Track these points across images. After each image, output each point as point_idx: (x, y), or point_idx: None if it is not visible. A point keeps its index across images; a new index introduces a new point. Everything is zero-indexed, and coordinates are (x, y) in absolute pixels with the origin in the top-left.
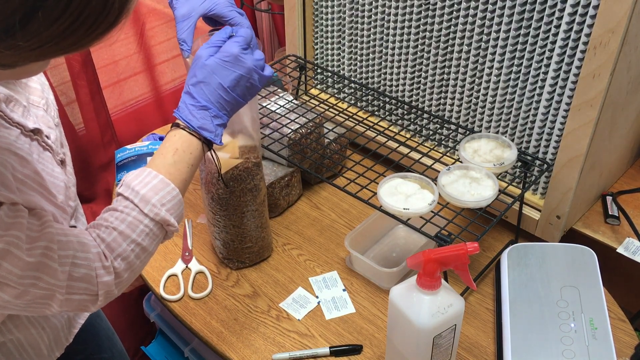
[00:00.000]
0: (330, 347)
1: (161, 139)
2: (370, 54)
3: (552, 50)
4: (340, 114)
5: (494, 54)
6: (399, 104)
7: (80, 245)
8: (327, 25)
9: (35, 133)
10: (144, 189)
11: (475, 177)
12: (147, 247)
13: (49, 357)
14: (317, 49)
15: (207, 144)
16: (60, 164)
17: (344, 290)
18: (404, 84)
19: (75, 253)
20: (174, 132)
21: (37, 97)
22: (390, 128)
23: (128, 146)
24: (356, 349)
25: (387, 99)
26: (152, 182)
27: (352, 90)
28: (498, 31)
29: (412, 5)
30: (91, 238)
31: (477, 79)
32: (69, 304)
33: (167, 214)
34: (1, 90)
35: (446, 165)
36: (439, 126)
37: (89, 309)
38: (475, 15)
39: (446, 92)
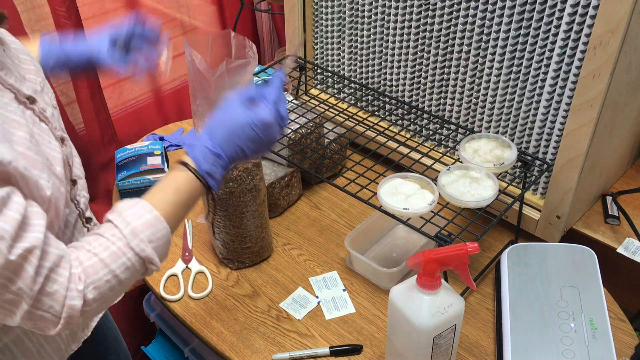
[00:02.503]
0: (330, 347)
1: (161, 138)
2: (370, 54)
3: (552, 50)
4: (340, 114)
5: (494, 54)
6: (399, 104)
7: (61, 260)
8: (327, 25)
9: (31, 102)
10: (136, 222)
11: (475, 177)
12: (124, 281)
13: (65, 351)
14: (317, 49)
15: (208, 188)
16: (60, 141)
17: (344, 290)
18: (404, 84)
19: (54, 267)
20: (180, 171)
21: (32, 76)
22: (390, 128)
23: (128, 146)
24: (356, 349)
25: (387, 99)
26: (146, 216)
27: (352, 90)
28: (498, 31)
29: (412, 5)
30: (74, 257)
31: (477, 79)
32: (30, 317)
33: (153, 252)
34: None
35: (446, 165)
36: (439, 126)
37: (45, 330)
38: (475, 15)
39: (446, 92)
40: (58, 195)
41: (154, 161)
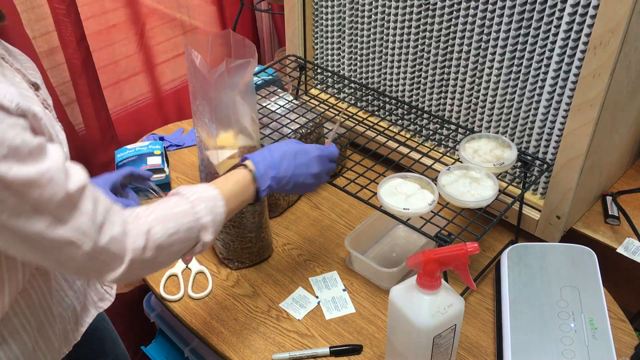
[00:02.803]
0: (330, 347)
1: (161, 138)
2: (370, 54)
3: (552, 50)
4: (340, 114)
5: (494, 54)
6: (399, 104)
7: (113, 206)
8: (327, 25)
9: (36, 88)
10: (202, 193)
11: (475, 177)
12: (182, 241)
13: (58, 352)
14: (317, 49)
15: (256, 196)
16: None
17: (344, 290)
18: (404, 84)
19: (108, 209)
20: (240, 169)
21: (32, 71)
22: (390, 128)
23: (128, 146)
24: (356, 349)
25: (387, 99)
26: (208, 192)
27: (352, 90)
28: (498, 31)
29: (412, 5)
30: (137, 211)
31: (477, 79)
32: (92, 260)
33: (211, 223)
34: None
35: (446, 165)
36: (439, 126)
37: (105, 273)
38: (475, 15)
39: (446, 92)
40: None
41: (154, 161)
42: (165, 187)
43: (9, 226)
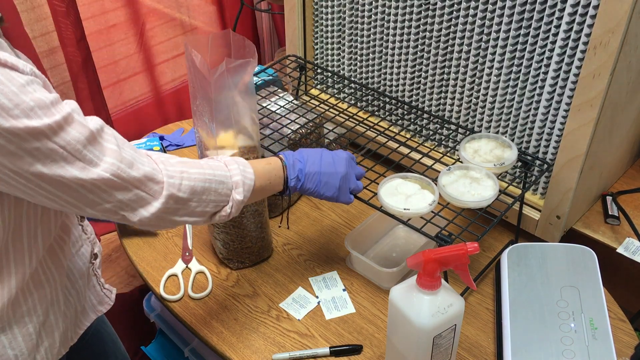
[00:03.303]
0: (330, 347)
1: (162, 138)
2: (370, 54)
3: (552, 50)
4: (341, 114)
5: (494, 54)
6: (399, 104)
7: (139, 151)
8: (327, 25)
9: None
10: (233, 159)
11: (475, 177)
12: (215, 191)
13: (58, 352)
14: (317, 49)
15: (284, 189)
16: None
17: (344, 290)
18: (404, 84)
19: (134, 152)
20: (272, 156)
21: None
22: (390, 128)
23: None
24: (356, 349)
25: (387, 99)
26: (240, 160)
27: (352, 91)
28: (498, 31)
29: (412, 5)
30: (170, 160)
31: (477, 79)
32: (127, 196)
33: (242, 182)
34: None
35: (446, 165)
36: (439, 126)
37: (141, 211)
38: (475, 15)
39: (446, 92)
40: None
41: None
42: None
43: (48, 174)
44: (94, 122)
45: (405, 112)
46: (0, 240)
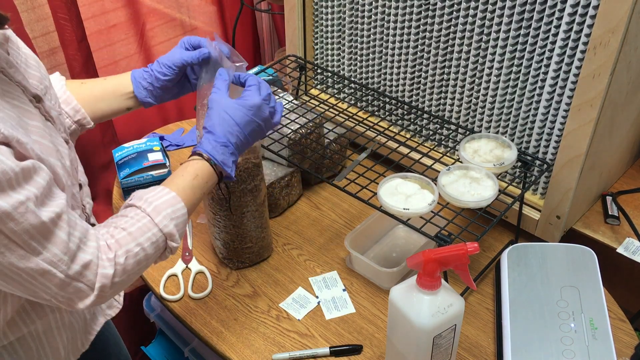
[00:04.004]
0: (330, 347)
1: (162, 138)
2: (370, 54)
3: (552, 50)
4: (341, 114)
5: (494, 54)
6: (399, 104)
7: (88, 232)
8: (327, 25)
9: (37, 100)
10: (157, 201)
11: (475, 177)
12: (149, 256)
13: None
14: (317, 49)
15: (220, 178)
16: (65, 142)
17: (344, 290)
18: (404, 84)
19: (82, 237)
20: (196, 161)
21: (34, 81)
22: (390, 128)
23: (125, 145)
24: (356, 349)
25: (387, 99)
26: (165, 197)
27: (352, 91)
28: (498, 31)
29: (412, 5)
30: (104, 231)
31: (477, 79)
32: (64, 287)
33: (175, 229)
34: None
35: (446, 165)
36: (439, 126)
37: (76, 302)
38: (475, 15)
39: (446, 92)
40: (68, 190)
41: (156, 157)
42: None
43: None
44: (52, 209)
45: (405, 112)
46: None
